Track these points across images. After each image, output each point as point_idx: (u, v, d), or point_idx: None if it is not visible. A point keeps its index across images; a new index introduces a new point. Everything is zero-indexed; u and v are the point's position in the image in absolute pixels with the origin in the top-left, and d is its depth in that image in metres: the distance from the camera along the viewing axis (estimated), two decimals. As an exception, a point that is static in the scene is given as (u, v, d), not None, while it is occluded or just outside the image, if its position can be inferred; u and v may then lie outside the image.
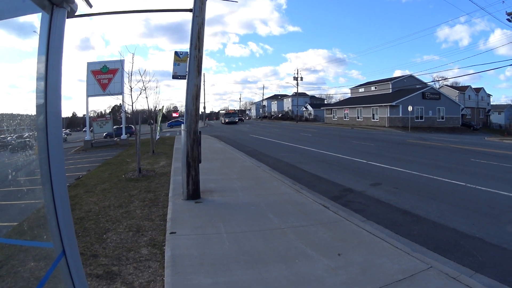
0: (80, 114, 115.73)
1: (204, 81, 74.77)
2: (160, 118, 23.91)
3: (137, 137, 12.07)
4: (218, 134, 34.09)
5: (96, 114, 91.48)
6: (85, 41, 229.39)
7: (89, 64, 26.90)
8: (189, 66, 7.79)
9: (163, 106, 32.68)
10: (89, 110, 28.31)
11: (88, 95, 26.78)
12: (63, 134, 51.36)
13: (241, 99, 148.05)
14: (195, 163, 7.79)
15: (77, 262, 1.79)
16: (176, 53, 8.52)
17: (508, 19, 31.14)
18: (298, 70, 74.59)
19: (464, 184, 9.93)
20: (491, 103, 75.87)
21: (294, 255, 4.78)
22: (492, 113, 71.89)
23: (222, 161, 14.06)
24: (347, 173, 11.89)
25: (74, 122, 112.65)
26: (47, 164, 1.74)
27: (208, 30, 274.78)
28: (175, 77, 8.46)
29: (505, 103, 77.35)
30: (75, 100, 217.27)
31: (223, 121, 69.71)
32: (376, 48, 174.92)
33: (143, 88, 12.92)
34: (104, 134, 31.54)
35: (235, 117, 68.76)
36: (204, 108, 77.25)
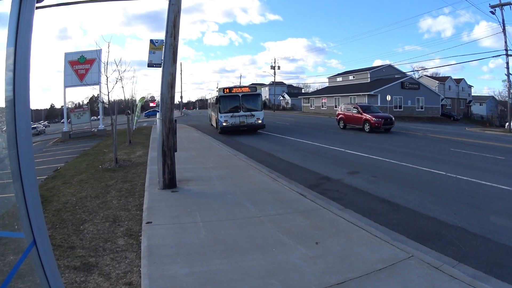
0: (58, 105, 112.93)
1: (181, 70, 74.04)
2: (139, 109, 23.63)
3: (114, 127, 11.95)
4: (195, 123, 33.88)
5: (74, 105, 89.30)
6: (63, 30, 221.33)
7: (66, 54, 26.40)
8: (164, 55, 7.73)
9: (143, 97, 32.17)
10: (67, 101, 27.87)
11: (65, 86, 26.39)
12: (42, 126, 50.44)
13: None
14: (171, 152, 7.78)
15: (48, 251, 1.80)
16: (151, 41, 8.46)
17: (491, 12, 32.03)
18: (276, 59, 73.54)
19: (444, 173, 10.00)
20: (473, 94, 77.23)
21: (271, 243, 4.80)
22: (473, 104, 73.28)
23: (199, 150, 14.08)
24: (324, 161, 12.06)
25: (53, 114, 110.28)
26: (16, 156, 1.74)
27: (187, 19, 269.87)
28: (150, 65, 8.42)
29: (488, 95, 78.76)
30: (53, 91, 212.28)
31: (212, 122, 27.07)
32: (356, 37, 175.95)
33: (119, 78, 12.81)
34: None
35: (256, 104, 21.71)
36: (181, 97, 76.45)
